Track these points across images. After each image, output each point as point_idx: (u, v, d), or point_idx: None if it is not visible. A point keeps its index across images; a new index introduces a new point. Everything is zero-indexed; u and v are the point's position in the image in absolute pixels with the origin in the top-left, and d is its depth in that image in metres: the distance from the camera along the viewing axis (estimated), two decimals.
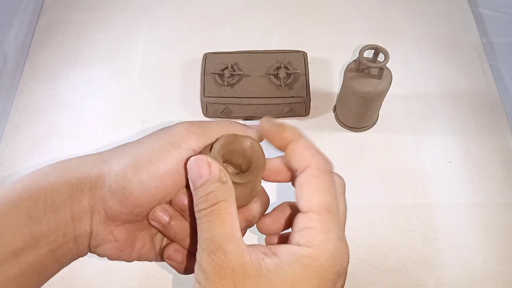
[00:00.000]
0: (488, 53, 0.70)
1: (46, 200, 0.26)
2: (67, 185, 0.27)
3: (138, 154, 0.27)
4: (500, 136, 0.61)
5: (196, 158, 0.25)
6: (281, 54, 0.63)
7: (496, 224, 0.55)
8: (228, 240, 0.23)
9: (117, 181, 0.26)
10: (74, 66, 0.69)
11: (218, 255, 0.23)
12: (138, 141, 0.29)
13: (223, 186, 0.25)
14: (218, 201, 0.24)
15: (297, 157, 0.27)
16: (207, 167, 0.25)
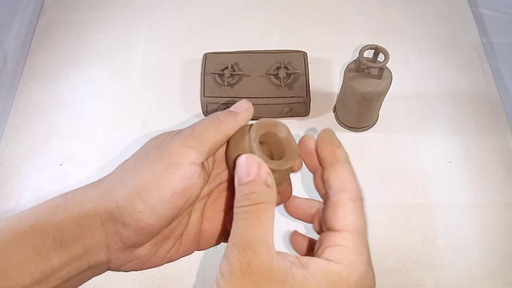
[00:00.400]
0: (488, 53, 0.70)
1: (55, 238, 0.26)
2: (75, 223, 0.26)
3: (143, 183, 0.26)
4: (500, 136, 0.61)
5: (248, 157, 0.26)
6: (281, 54, 0.63)
7: (496, 224, 0.55)
8: (261, 241, 0.23)
9: (129, 215, 0.26)
10: (74, 66, 0.69)
11: (248, 253, 0.23)
12: (136, 163, 0.28)
13: (268, 189, 0.25)
14: (260, 202, 0.24)
15: (339, 178, 0.27)
16: (256, 168, 0.25)
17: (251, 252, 0.23)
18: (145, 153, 0.28)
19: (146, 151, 0.28)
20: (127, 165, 0.28)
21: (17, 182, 0.59)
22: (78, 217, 0.26)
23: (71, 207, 0.27)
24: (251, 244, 0.23)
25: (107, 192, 0.27)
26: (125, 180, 0.27)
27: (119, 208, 0.26)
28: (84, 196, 0.27)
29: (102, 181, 0.28)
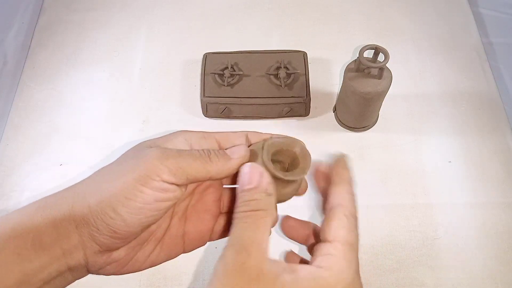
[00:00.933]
0: (488, 53, 0.70)
1: (35, 240, 0.26)
2: (53, 225, 0.27)
3: (114, 191, 0.27)
4: (500, 136, 0.61)
5: (252, 165, 0.28)
6: (281, 54, 0.63)
7: (496, 224, 0.55)
8: (256, 244, 0.24)
9: (101, 219, 0.26)
10: (74, 66, 0.69)
11: (243, 254, 0.24)
12: (112, 170, 0.28)
13: (268, 197, 0.27)
14: (259, 209, 0.26)
15: (338, 195, 0.29)
16: (258, 176, 0.27)
17: (246, 254, 0.24)
18: (123, 161, 0.29)
19: (125, 159, 0.29)
20: (104, 171, 0.29)
21: (17, 182, 0.59)
22: (55, 220, 0.27)
23: (49, 210, 0.27)
24: (247, 246, 0.24)
25: (82, 196, 0.27)
26: (99, 185, 0.28)
27: (92, 213, 0.26)
28: (61, 200, 0.28)
29: (78, 185, 0.29)
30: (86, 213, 0.27)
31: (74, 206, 0.27)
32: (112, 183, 0.27)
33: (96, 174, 0.29)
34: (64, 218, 0.27)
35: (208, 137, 0.31)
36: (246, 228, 0.25)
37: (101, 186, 0.27)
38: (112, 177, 0.28)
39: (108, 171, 0.29)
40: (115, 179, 0.27)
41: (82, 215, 0.27)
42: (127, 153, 0.29)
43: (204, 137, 0.31)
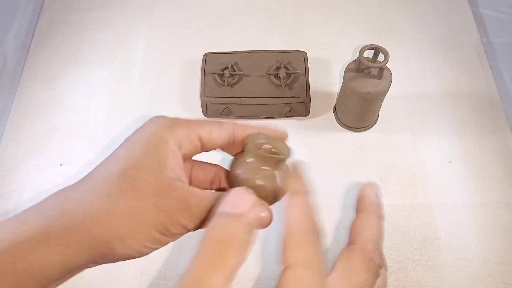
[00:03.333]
0: (488, 53, 0.70)
1: (37, 275, 0.24)
2: (61, 264, 0.25)
3: (132, 235, 0.25)
4: (500, 136, 0.61)
5: (244, 190, 0.25)
6: (281, 54, 0.63)
7: (496, 224, 0.55)
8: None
9: (117, 257, 0.26)
10: (74, 66, 0.69)
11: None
12: (126, 197, 0.26)
13: (248, 232, 0.23)
14: (232, 242, 0.22)
15: (288, 212, 0.26)
16: (248, 205, 0.24)
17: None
18: (136, 194, 0.26)
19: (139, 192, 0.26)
20: (116, 201, 0.26)
21: (17, 182, 0.59)
22: (63, 260, 0.25)
23: (57, 247, 0.24)
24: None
25: (100, 240, 0.25)
26: (119, 226, 0.25)
27: (107, 254, 0.25)
28: (71, 237, 0.25)
29: (87, 218, 0.25)
30: (108, 255, 0.25)
31: (91, 250, 0.25)
32: (136, 231, 0.25)
33: (110, 205, 0.25)
34: (79, 261, 0.25)
35: (191, 134, 0.29)
36: (209, 269, 0.21)
37: (124, 230, 0.25)
38: (134, 220, 0.25)
39: (122, 195, 0.26)
40: (132, 218, 0.25)
41: (102, 256, 0.25)
42: (117, 177, 0.26)
43: (188, 136, 0.29)
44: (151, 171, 0.26)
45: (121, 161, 0.27)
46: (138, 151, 0.27)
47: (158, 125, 0.28)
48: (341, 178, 0.58)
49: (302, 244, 0.24)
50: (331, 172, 0.59)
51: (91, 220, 0.25)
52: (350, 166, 0.59)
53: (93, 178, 0.27)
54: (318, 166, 0.59)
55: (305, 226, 0.25)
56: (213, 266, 0.21)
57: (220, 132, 0.30)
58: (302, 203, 0.26)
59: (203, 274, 0.21)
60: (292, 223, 0.25)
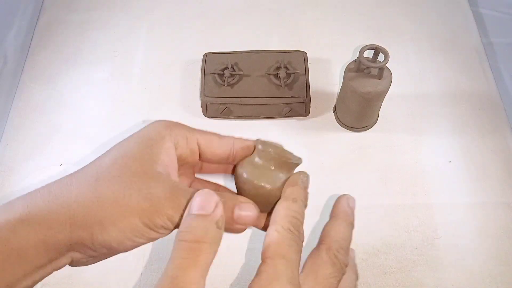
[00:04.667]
0: (488, 53, 0.70)
1: (20, 257, 0.24)
2: (44, 247, 0.25)
3: (119, 227, 0.26)
4: (500, 136, 0.61)
5: (208, 192, 0.26)
6: (281, 54, 0.63)
7: (496, 224, 0.55)
8: (193, 285, 0.23)
9: (104, 247, 0.26)
10: (74, 66, 0.69)
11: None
12: (113, 184, 0.26)
13: (216, 230, 0.25)
14: (203, 241, 0.24)
15: (275, 212, 0.28)
16: (213, 205, 0.25)
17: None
18: (124, 186, 0.26)
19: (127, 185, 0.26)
20: (102, 185, 0.26)
21: (17, 182, 0.59)
22: (47, 243, 0.25)
23: (40, 229, 0.25)
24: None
25: (82, 221, 0.25)
26: (100, 210, 0.25)
27: (94, 243, 0.26)
28: (56, 221, 0.25)
29: (75, 199, 0.26)
30: (87, 241, 0.25)
31: (72, 232, 0.25)
32: (118, 217, 0.25)
33: (94, 185, 0.26)
34: (59, 243, 0.25)
35: (190, 137, 0.30)
36: (183, 266, 0.23)
37: (105, 214, 0.25)
38: (116, 205, 0.25)
39: (109, 186, 0.26)
40: (115, 203, 0.25)
41: (82, 242, 0.25)
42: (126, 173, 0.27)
43: (186, 137, 0.30)
44: (142, 161, 0.27)
45: (115, 151, 0.28)
46: (133, 144, 0.28)
47: (158, 123, 0.30)
48: (341, 178, 0.58)
49: (280, 241, 0.26)
50: (331, 172, 0.59)
51: (74, 201, 0.25)
52: (350, 166, 0.59)
53: (88, 166, 0.28)
54: (318, 166, 0.59)
55: (285, 227, 0.27)
56: (188, 264, 0.23)
57: (220, 143, 0.31)
58: (288, 208, 0.28)
59: (180, 272, 0.23)
60: (274, 223, 0.27)
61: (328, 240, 0.29)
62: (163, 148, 0.28)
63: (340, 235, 0.29)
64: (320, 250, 0.28)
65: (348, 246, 0.29)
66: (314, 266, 0.27)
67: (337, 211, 0.31)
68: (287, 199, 0.29)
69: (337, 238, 0.29)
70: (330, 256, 0.28)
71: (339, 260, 0.28)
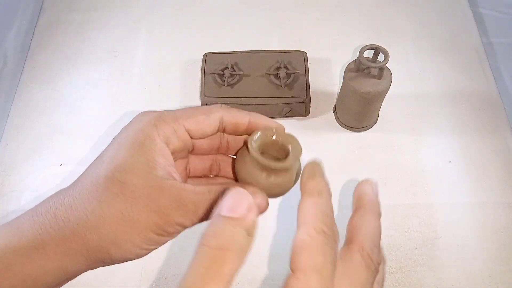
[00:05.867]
0: (488, 53, 0.70)
1: (36, 279, 0.25)
2: (62, 271, 0.26)
3: (130, 240, 0.26)
4: (500, 136, 0.61)
5: (242, 192, 0.22)
6: (281, 54, 0.63)
7: (496, 224, 0.55)
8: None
9: (120, 259, 0.27)
10: (74, 66, 0.69)
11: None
12: (126, 204, 0.26)
13: (246, 238, 0.21)
14: (229, 249, 0.21)
15: (301, 212, 0.25)
16: (246, 208, 0.22)
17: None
18: (132, 198, 0.26)
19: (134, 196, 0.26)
20: (108, 206, 0.26)
21: (17, 182, 0.59)
22: (64, 268, 0.25)
23: (56, 248, 0.25)
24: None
25: (95, 246, 0.25)
26: (113, 232, 0.25)
27: (112, 259, 0.26)
28: (72, 243, 0.25)
29: (81, 225, 0.25)
30: (106, 260, 0.26)
31: (89, 256, 0.25)
32: (131, 234, 0.25)
33: (102, 210, 0.25)
34: (78, 266, 0.26)
35: (178, 129, 0.29)
36: (203, 277, 0.20)
37: (119, 235, 0.25)
38: (127, 224, 0.25)
39: (121, 204, 0.25)
40: (125, 223, 0.25)
41: (101, 261, 0.26)
42: (134, 185, 0.26)
43: (175, 131, 0.29)
44: (140, 172, 0.26)
45: (109, 163, 0.26)
46: (124, 152, 0.27)
47: (143, 123, 0.28)
48: (341, 178, 0.58)
49: (312, 248, 0.23)
50: (331, 172, 0.58)
51: (84, 227, 0.25)
52: (350, 166, 0.59)
53: (83, 182, 0.27)
54: None
55: (318, 229, 0.23)
56: (210, 274, 0.20)
57: (208, 120, 0.29)
58: (316, 203, 0.25)
59: (199, 282, 0.20)
60: (304, 225, 0.24)
61: (360, 238, 0.26)
62: (157, 151, 0.27)
63: (371, 231, 0.26)
64: (352, 252, 0.25)
65: (380, 241, 0.26)
66: (348, 271, 0.24)
67: (363, 201, 0.28)
68: (311, 194, 0.25)
69: (369, 236, 0.26)
70: (365, 258, 0.25)
71: (374, 261, 0.25)
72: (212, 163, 0.34)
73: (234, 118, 0.30)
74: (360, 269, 0.25)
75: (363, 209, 0.28)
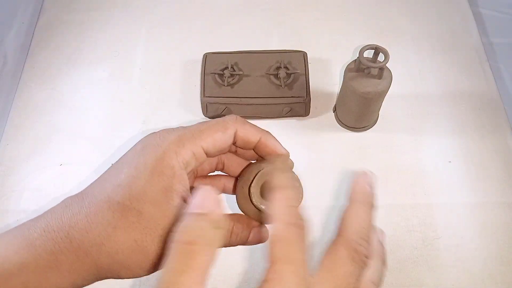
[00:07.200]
0: (488, 53, 0.70)
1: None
2: (73, 286, 0.27)
3: (135, 261, 0.27)
4: (500, 136, 0.61)
5: (208, 189, 0.24)
6: (281, 54, 0.63)
7: (496, 224, 0.55)
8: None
9: (128, 275, 0.27)
10: (74, 66, 0.69)
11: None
12: (132, 216, 0.26)
13: (214, 230, 0.22)
14: (198, 242, 0.22)
15: (271, 206, 0.25)
16: (212, 204, 0.23)
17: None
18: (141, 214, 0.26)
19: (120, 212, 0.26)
20: (123, 234, 0.26)
21: (17, 182, 0.59)
22: (76, 285, 0.26)
23: (67, 270, 0.26)
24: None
25: (107, 268, 0.26)
26: (125, 259, 0.26)
27: (120, 275, 0.27)
28: (82, 261, 0.26)
29: (94, 248, 0.26)
30: (114, 277, 0.27)
31: (100, 274, 0.26)
32: (143, 262, 0.26)
33: (117, 237, 0.26)
34: (89, 282, 0.27)
35: (197, 151, 0.28)
36: (177, 272, 0.21)
37: (131, 262, 0.26)
38: (141, 253, 0.26)
39: (108, 224, 0.26)
40: (138, 251, 0.26)
41: (109, 278, 0.27)
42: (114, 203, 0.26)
43: (194, 154, 0.28)
44: (157, 203, 0.26)
45: (126, 189, 0.26)
46: (144, 180, 0.26)
47: (163, 149, 0.27)
48: (341, 178, 0.58)
49: (285, 240, 0.23)
50: (331, 172, 0.59)
51: (98, 252, 0.26)
52: (350, 166, 0.59)
53: (98, 204, 0.26)
54: (318, 166, 0.59)
55: (289, 220, 0.24)
56: (182, 268, 0.21)
57: (225, 137, 0.29)
58: (286, 197, 0.25)
59: (174, 277, 0.21)
60: (275, 218, 0.24)
61: (346, 231, 0.26)
62: (176, 178, 0.27)
63: (358, 223, 0.26)
64: (337, 245, 0.26)
65: (369, 234, 0.27)
66: (331, 264, 0.25)
67: (354, 193, 0.28)
68: (279, 188, 0.26)
69: (356, 228, 0.26)
70: (349, 250, 0.25)
71: (359, 254, 0.25)
72: (217, 161, 0.34)
73: (246, 135, 0.30)
74: (344, 262, 0.25)
75: (353, 202, 0.28)
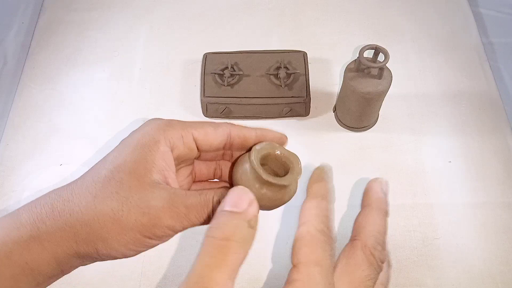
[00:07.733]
0: (488, 53, 0.70)
1: (33, 270, 0.26)
2: (55, 261, 0.26)
3: (121, 240, 0.27)
4: (500, 136, 0.61)
5: (243, 189, 0.25)
6: (281, 54, 0.63)
7: (496, 224, 0.55)
8: (219, 287, 0.21)
9: (109, 257, 0.27)
10: (74, 66, 0.69)
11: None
12: (112, 200, 0.26)
13: (248, 230, 0.23)
14: (233, 240, 0.23)
15: (303, 213, 0.26)
16: (247, 203, 0.24)
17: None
18: (125, 199, 0.26)
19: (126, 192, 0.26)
20: (101, 202, 0.26)
21: (17, 182, 0.59)
22: (58, 257, 0.26)
23: (49, 245, 0.26)
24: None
25: (87, 238, 0.26)
26: (101, 228, 0.26)
27: (100, 255, 0.27)
28: (62, 235, 0.26)
29: (73, 217, 0.26)
30: (93, 254, 0.27)
31: (79, 248, 0.26)
32: (119, 233, 0.26)
33: (95, 206, 0.26)
34: (69, 257, 0.26)
35: (186, 135, 0.29)
36: (211, 265, 0.22)
37: (107, 232, 0.26)
38: (116, 222, 0.26)
39: (106, 199, 0.26)
40: (115, 221, 0.26)
41: (88, 255, 0.27)
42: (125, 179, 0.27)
43: (182, 137, 0.29)
44: (137, 174, 0.27)
45: (110, 163, 0.27)
46: (127, 153, 0.27)
47: (151, 126, 0.29)
48: (341, 178, 0.58)
49: (313, 244, 0.24)
50: (331, 172, 0.59)
51: (76, 219, 0.26)
52: (350, 166, 0.59)
53: (84, 179, 0.28)
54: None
55: (318, 228, 0.25)
56: (216, 263, 0.22)
57: (216, 133, 0.30)
58: (318, 206, 0.26)
59: (207, 271, 0.22)
60: (305, 223, 0.25)
61: (363, 235, 0.27)
62: (158, 153, 0.27)
63: (375, 229, 0.27)
64: (355, 248, 0.26)
65: (384, 240, 0.27)
66: (349, 267, 0.26)
67: (370, 199, 0.29)
68: (315, 197, 0.27)
69: (373, 233, 0.27)
70: (367, 254, 0.26)
71: (376, 259, 0.26)
72: (216, 167, 0.34)
73: (241, 132, 0.31)
74: (362, 266, 0.26)
75: (369, 207, 0.28)
